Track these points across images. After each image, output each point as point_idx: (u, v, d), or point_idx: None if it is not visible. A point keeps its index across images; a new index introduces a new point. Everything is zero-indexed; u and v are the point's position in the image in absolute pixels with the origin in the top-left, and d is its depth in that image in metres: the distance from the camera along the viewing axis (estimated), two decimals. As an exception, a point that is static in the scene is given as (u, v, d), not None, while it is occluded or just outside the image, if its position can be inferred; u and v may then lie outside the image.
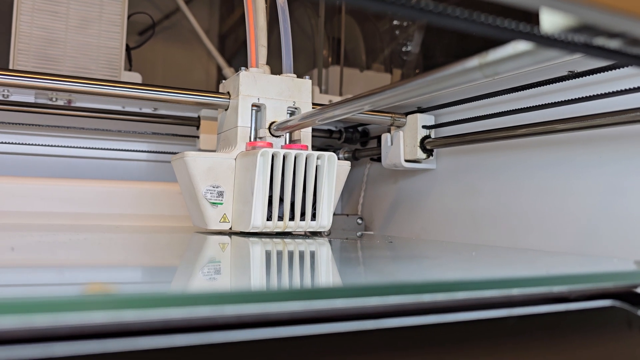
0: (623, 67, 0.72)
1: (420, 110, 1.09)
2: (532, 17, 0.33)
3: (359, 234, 0.90)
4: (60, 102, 1.15)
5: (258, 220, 0.76)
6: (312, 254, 0.61)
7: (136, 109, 1.18)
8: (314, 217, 0.80)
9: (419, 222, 1.12)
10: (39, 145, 1.18)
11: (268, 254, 0.59)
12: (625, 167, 0.75)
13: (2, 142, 1.15)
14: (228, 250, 0.64)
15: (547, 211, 0.85)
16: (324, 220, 0.80)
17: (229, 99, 0.88)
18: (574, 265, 0.59)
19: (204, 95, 0.89)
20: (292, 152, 0.77)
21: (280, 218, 0.78)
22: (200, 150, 1.07)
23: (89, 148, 1.21)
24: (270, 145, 0.81)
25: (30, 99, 1.12)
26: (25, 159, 1.18)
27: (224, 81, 0.91)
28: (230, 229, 0.81)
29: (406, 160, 1.08)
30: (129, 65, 1.62)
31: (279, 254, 0.61)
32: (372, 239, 0.89)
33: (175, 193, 1.05)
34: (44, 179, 1.05)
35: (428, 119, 1.07)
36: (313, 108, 0.90)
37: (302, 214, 0.79)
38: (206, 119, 1.12)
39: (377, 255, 0.65)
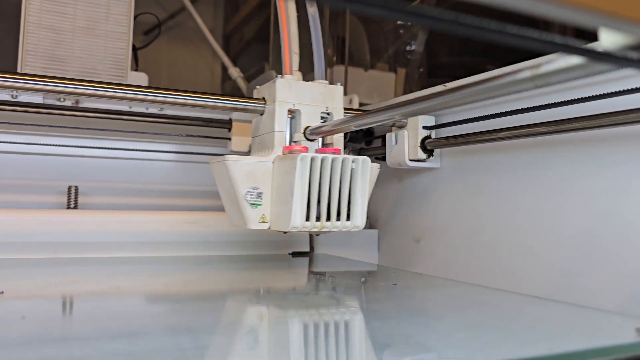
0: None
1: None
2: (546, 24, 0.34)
3: (362, 279, 0.93)
4: (67, 103, 1.15)
5: (297, 221, 0.80)
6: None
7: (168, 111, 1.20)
8: (348, 217, 0.84)
9: (423, 220, 1.13)
10: (78, 147, 1.20)
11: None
12: (630, 168, 0.74)
13: (16, 142, 1.15)
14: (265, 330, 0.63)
15: (550, 211, 0.85)
16: (358, 221, 0.84)
17: (265, 104, 0.91)
18: (574, 329, 0.59)
19: (240, 101, 0.92)
20: (330, 157, 0.81)
21: (318, 218, 0.82)
22: (232, 152, 1.10)
23: (122, 149, 1.22)
24: (306, 149, 0.85)
25: (38, 99, 1.12)
26: (67, 160, 1.20)
27: (258, 87, 0.95)
28: (269, 228, 0.86)
29: (410, 160, 1.09)
30: (135, 65, 1.62)
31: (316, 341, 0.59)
32: (375, 280, 0.91)
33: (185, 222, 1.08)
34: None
35: (429, 119, 1.08)
36: (345, 113, 0.92)
37: (337, 215, 0.84)
38: (238, 121, 1.14)
39: (379, 316, 0.65)
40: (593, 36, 0.34)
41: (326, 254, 1.21)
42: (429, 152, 1.08)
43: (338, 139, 0.92)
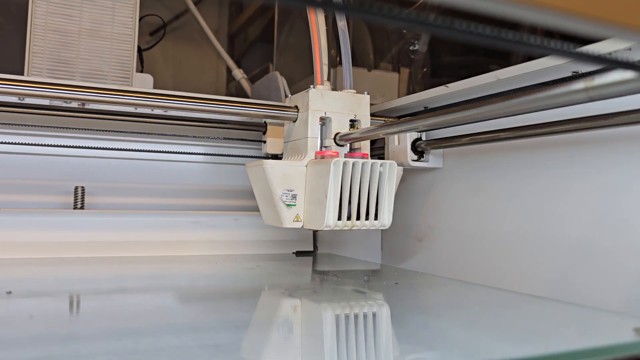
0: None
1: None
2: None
3: (365, 278, 0.94)
4: (74, 104, 1.16)
5: (330, 220, 0.86)
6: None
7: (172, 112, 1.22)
8: (375, 217, 0.90)
9: (426, 220, 1.14)
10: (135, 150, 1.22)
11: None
12: (629, 168, 0.75)
13: (23, 144, 1.16)
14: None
15: (550, 210, 0.86)
16: (385, 220, 0.91)
17: (297, 112, 0.98)
18: (572, 328, 0.59)
19: (274, 109, 0.99)
20: (360, 161, 0.87)
21: (348, 217, 0.88)
22: (267, 154, 1.16)
23: (128, 150, 1.22)
24: (337, 154, 0.91)
25: (45, 101, 1.13)
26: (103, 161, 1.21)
27: (290, 96, 1.01)
28: (302, 227, 0.92)
29: (412, 160, 1.10)
30: (141, 67, 1.64)
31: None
32: (377, 279, 0.93)
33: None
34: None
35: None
36: (371, 119, 0.99)
37: (366, 214, 0.90)
38: (272, 124, 1.18)
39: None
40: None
41: (330, 253, 1.22)
42: (419, 154, 1.10)
43: (365, 143, 0.98)
